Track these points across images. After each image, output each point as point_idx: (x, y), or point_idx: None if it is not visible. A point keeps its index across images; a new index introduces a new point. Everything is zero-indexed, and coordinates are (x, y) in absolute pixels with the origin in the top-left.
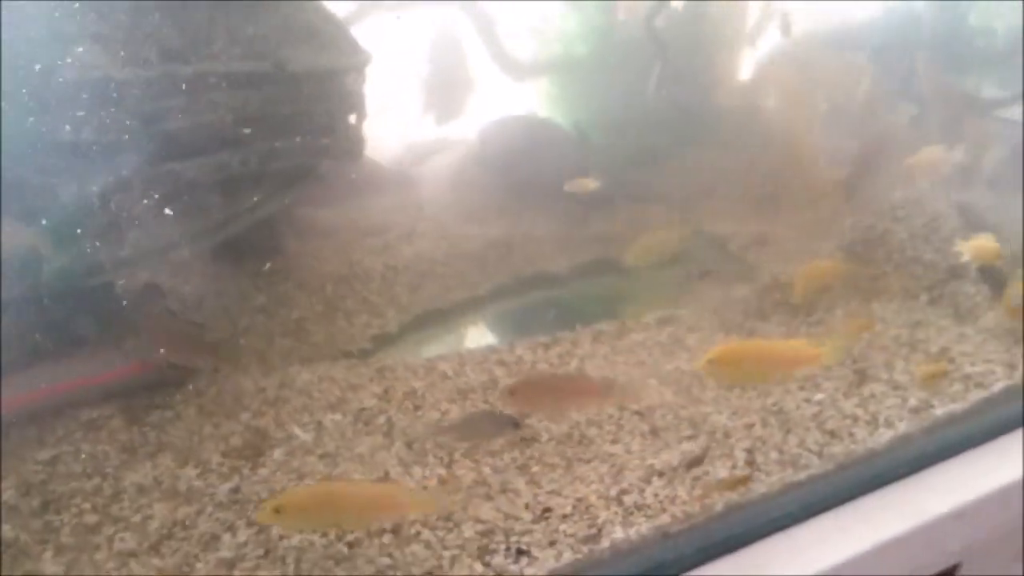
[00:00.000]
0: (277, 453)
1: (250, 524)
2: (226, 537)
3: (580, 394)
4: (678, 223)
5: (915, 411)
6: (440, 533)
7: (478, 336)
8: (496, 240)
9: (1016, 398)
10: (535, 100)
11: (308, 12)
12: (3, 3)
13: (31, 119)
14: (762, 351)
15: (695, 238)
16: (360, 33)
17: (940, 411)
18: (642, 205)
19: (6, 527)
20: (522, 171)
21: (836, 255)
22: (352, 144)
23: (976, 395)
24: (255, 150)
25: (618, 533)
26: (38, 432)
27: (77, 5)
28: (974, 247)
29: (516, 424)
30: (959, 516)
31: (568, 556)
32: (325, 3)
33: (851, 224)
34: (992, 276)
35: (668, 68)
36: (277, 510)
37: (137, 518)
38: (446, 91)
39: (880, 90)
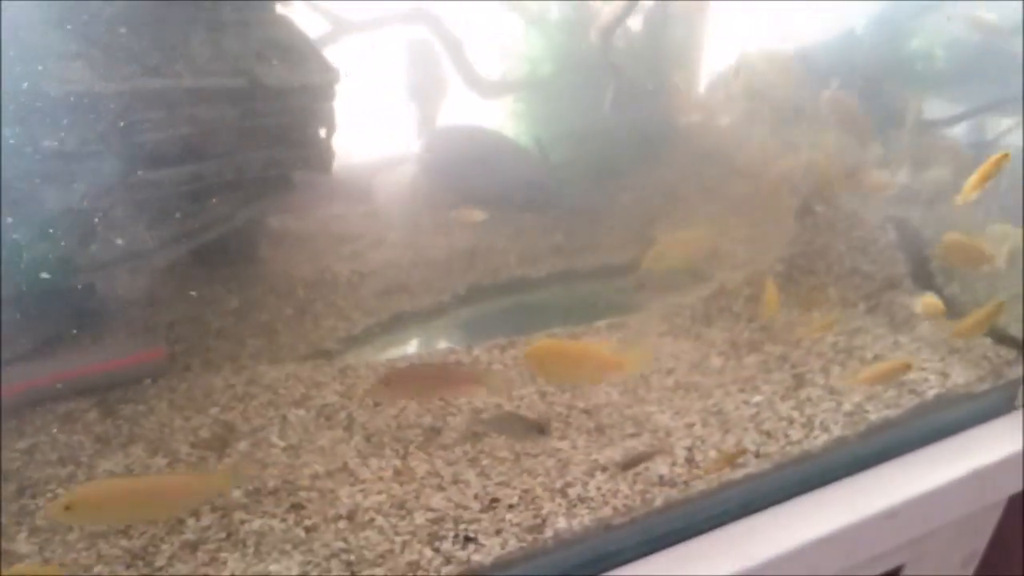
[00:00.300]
0: (242, 445)
1: (214, 509)
2: (191, 521)
3: (451, 384)
4: (703, 232)
5: (850, 415)
6: (393, 520)
7: (441, 339)
8: (460, 250)
9: (948, 405)
10: (501, 116)
11: (282, 32)
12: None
13: (17, 129)
14: (566, 353)
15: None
16: (330, 52)
17: (875, 416)
18: (600, 217)
19: None
20: (468, 181)
21: (777, 267)
22: (322, 156)
23: (910, 401)
24: (230, 161)
25: (561, 524)
26: (17, 423)
27: (60, 24)
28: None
29: (542, 430)
30: (892, 516)
31: (513, 544)
32: (297, 24)
33: (794, 238)
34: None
35: (623, 87)
36: (68, 507)
37: None
38: (415, 107)
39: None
